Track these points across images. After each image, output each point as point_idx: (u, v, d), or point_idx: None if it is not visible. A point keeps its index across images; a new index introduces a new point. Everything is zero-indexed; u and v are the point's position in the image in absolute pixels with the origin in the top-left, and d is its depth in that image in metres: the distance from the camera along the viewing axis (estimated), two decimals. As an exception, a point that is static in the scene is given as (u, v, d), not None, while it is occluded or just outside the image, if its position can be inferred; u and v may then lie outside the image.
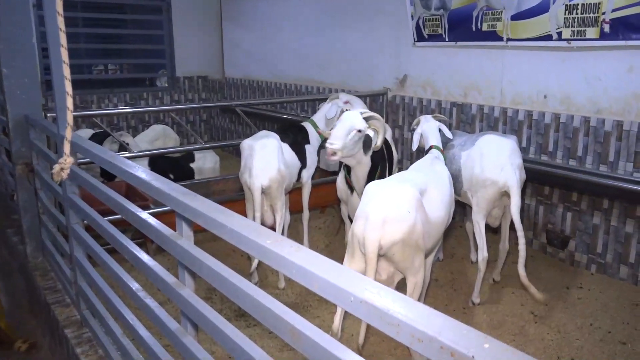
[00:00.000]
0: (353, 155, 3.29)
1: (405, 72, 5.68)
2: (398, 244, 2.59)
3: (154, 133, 6.44)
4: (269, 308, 1.39)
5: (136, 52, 8.99)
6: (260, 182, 3.69)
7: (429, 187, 2.94)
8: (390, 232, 2.57)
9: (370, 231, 2.56)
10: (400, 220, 2.59)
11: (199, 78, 9.06)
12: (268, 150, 3.79)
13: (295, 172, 4.18)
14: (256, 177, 3.70)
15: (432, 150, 3.52)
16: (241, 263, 4.42)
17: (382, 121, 3.23)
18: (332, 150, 3.13)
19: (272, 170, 3.74)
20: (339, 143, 3.12)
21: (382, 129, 3.22)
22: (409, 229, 2.59)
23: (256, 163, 3.73)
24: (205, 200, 1.77)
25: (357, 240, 2.63)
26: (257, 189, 3.69)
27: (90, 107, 8.04)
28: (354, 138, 3.18)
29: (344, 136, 3.14)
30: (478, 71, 4.96)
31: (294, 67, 7.34)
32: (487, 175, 3.52)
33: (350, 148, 3.19)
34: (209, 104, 6.63)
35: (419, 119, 3.78)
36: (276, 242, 1.40)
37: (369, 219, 2.59)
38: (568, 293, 3.95)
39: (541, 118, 4.46)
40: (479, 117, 4.96)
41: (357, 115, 3.22)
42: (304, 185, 4.39)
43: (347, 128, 3.16)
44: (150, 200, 4.41)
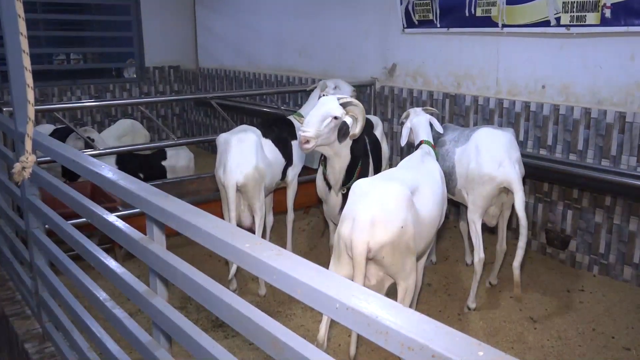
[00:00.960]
0: (329, 144, 3.27)
1: (394, 61, 5.71)
2: (388, 247, 2.60)
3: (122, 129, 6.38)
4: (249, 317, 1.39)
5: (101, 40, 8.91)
6: (235, 179, 3.68)
7: (419, 185, 2.95)
8: (379, 234, 2.58)
9: (357, 233, 2.56)
10: (390, 221, 2.60)
11: (171, 68, 9.00)
12: (245, 145, 3.78)
13: (279, 170, 4.16)
14: (230, 173, 3.69)
15: (423, 145, 3.54)
16: (218, 269, 4.41)
17: (360, 108, 3.23)
18: (304, 137, 3.10)
19: (249, 167, 3.73)
20: (313, 130, 3.10)
21: (361, 116, 3.23)
22: (399, 230, 2.60)
23: (231, 158, 3.72)
24: (178, 201, 1.77)
25: (343, 242, 2.63)
26: (231, 187, 3.68)
27: (51, 101, 7.95)
28: (330, 125, 3.16)
29: (319, 123, 3.13)
30: (472, 60, 5.00)
31: (273, 56, 7.33)
32: (484, 171, 3.56)
33: (326, 136, 3.17)
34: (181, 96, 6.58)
35: (408, 111, 3.80)
36: (255, 246, 1.40)
37: (357, 220, 2.59)
38: (569, 296, 4.01)
39: (539, 109, 4.52)
40: (473, 108, 5.00)
41: (334, 100, 3.21)
42: (289, 184, 4.37)
43: (322, 114, 3.15)
44: (118, 201, 4.38)
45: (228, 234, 1.49)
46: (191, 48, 9.00)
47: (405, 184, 2.78)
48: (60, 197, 2.50)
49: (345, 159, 3.41)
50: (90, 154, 3.99)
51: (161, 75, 8.92)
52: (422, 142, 3.56)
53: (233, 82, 8.06)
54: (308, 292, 1.21)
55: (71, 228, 2.52)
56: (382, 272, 2.73)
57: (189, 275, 1.63)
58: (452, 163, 3.80)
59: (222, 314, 1.49)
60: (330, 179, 3.53)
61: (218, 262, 4.53)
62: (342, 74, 6.30)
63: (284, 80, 7.10)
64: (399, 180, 2.81)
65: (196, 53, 8.95)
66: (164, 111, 9.11)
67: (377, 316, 1.06)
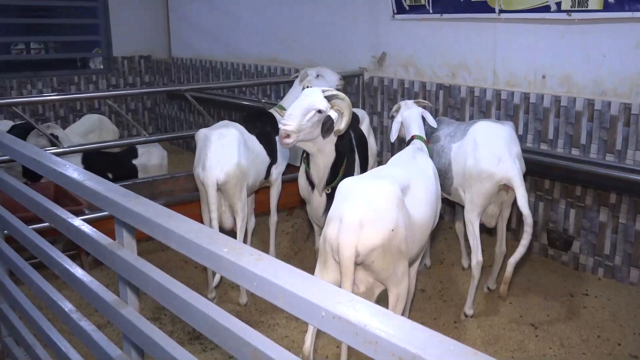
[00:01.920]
0: (312, 140, 3.27)
1: (384, 49, 5.72)
2: (377, 250, 2.61)
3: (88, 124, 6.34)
4: (228, 328, 1.39)
5: (65, 27, 8.82)
6: (215, 176, 3.68)
7: (411, 183, 2.97)
8: (368, 237, 2.58)
9: (344, 235, 2.57)
10: (380, 223, 2.61)
11: (141, 58, 8.94)
12: (227, 141, 3.78)
13: (263, 168, 4.17)
14: (210, 170, 3.68)
15: (415, 140, 3.55)
16: (194, 276, 4.40)
17: (347, 102, 3.23)
18: (285, 132, 3.09)
19: (230, 164, 3.73)
20: (294, 124, 3.09)
21: (347, 111, 3.23)
22: (389, 232, 2.61)
23: (211, 155, 3.72)
24: (150, 203, 1.76)
25: (329, 246, 2.63)
26: (211, 185, 3.68)
27: (9, 95, 7.87)
28: (313, 119, 3.15)
29: (301, 116, 3.12)
30: (467, 48, 5.04)
31: (253, 45, 7.32)
32: (483, 167, 3.58)
33: (308, 131, 3.16)
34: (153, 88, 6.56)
35: (398, 104, 3.82)
36: (234, 250, 1.40)
37: (343, 222, 2.59)
38: (572, 301, 4.05)
39: (539, 101, 4.56)
40: (469, 101, 5.03)
41: (318, 93, 3.20)
42: (273, 184, 4.37)
43: (304, 107, 3.14)
44: (84, 204, 4.35)
45: (204, 237, 1.49)
46: (163, 36, 8.95)
47: (396, 182, 2.79)
48: (20, 199, 2.48)
49: (329, 156, 3.41)
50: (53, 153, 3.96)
51: (130, 65, 8.86)
52: (414, 137, 3.57)
53: (209, 73, 8.03)
54: (291, 300, 1.21)
55: (33, 233, 2.49)
56: (372, 277, 2.73)
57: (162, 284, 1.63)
58: (448, 160, 3.82)
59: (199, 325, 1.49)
60: (313, 177, 3.52)
61: (194, 268, 4.51)
62: (327, 63, 6.29)
63: (265, 71, 7.09)
64: (389, 178, 2.82)
65: (169, 41, 8.90)
66: (134, 105, 9.06)
67: (365, 325, 1.06)
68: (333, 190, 3.03)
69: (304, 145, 3.31)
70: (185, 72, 8.51)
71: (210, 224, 3.69)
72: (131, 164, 5.57)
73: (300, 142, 3.22)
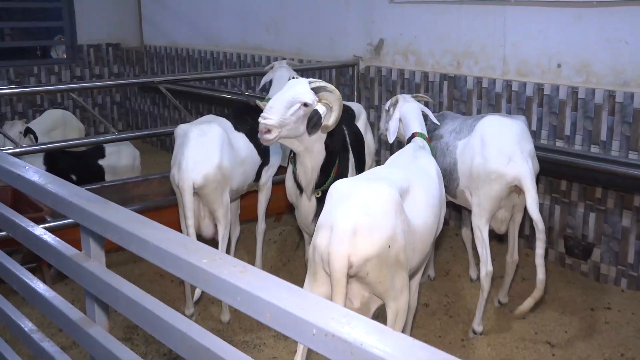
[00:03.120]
0: (298, 137, 3.26)
1: (381, 35, 5.73)
2: (373, 261, 2.60)
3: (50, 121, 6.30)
4: (209, 349, 1.39)
5: (23, 12, 8.78)
6: (192, 179, 3.66)
7: (412, 186, 2.97)
8: (362, 246, 2.58)
9: (336, 244, 2.56)
10: (375, 230, 2.61)
11: (109, 46, 8.91)
12: (207, 139, 3.76)
13: (253, 170, 4.16)
14: (186, 171, 3.66)
15: (415, 138, 3.55)
16: (171, 291, 4.39)
17: (336, 95, 3.23)
18: (265, 126, 3.09)
19: (209, 165, 3.71)
20: (276, 117, 3.09)
21: (336, 105, 3.23)
22: (386, 240, 2.61)
23: (188, 154, 3.69)
24: (121, 209, 1.76)
25: (319, 256, 2.62)
26: (186, 189, 3.66)
27: (-39, 88, 7.82)
28: (297, 113, 3.15)
29: (284, 109, 3.11)
30: (473, 34, 5.05)
31: (236, 32, 7.31)
32: (492, 167, 3.59)
33: (292, 126, 3.16)
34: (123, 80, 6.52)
35: (395, 98, 3.81)
36: (215, 262, 1.40)
37: (335, 229, 2.59)
38: (593, 316, 4.06)
39: (554, 93, 4.58)
40: (476, 92, 5.05)
41: (304, 84, 3.20)
42: (262, 188, 4.36)
43: (288, 99, 3.14)
44: (46, 210, 4.33)
45: (181, 247, 1.49)
46: (135, 21, 8.92)
47: (394, 185, 2.79)
48: (-27, 206, 2.46)
49: (319, 156, 3.41)
50: (10, 153, 3.94)
51: (97, 55, 8.83)
52: (415, 134, 3.57)
53: (186, 63, 8.01)
54: (279, 316, 1.21)
55: (-12, 244, 2.48)
56: (367, 291, 2.73)
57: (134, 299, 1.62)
58: (453, 159, 3.83)
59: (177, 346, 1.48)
60: (300, 179, 3.51)
61: (171, 282, 4.50)
62: (318, 52, 6.31)
63: (248, 61, 7.08)
64: (386, 181, 2.82)
65: (140, 28, 8.87)
66: (102, 99, 9.02)
67: (362, 343, 1.06)
68: (324, 194, 3.02)
69: (289, 142, 3.30)
70: (159, 62, 8.48)
71: (187, 232, 3.68)
72: (97, 165, 5.54)
73: (283, 139, 3.22)
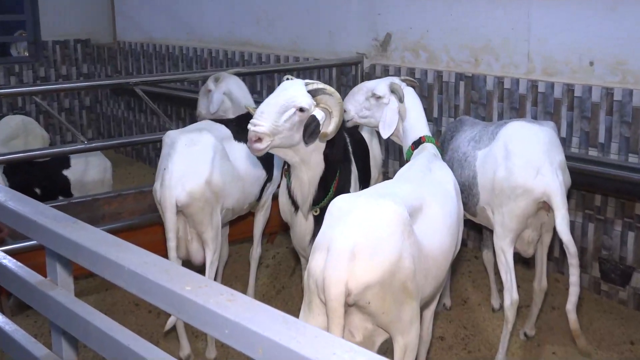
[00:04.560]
0: (292, 147, 3.25)
1: (388, 29, 5.73)
2: (374, 288, 2.58)
3: (9, 129, 6.27)
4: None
5: (-21, 4, 8.80)
6: (174, 196, 3.65)
7: (425, 203, 2.95)
8: (361, 270, 2.55)
9: (332, 268, 2.54)
10: (378, 252, 2.59)
11: (78, 43, 8.92)
12: (196, 149, 3.76)
13: (254, 187, 4.16)
14: (169, 187, 3.66)
15: (425, 144, 3.51)
16: (148, 323, 4.37)
17: (337, 98, 3.22)
18: (255, 134, 3.08)
19: (196, 180, 3.70)
20: (267, 124, 3.08)
21: (336, 109, 3.22)
22: (390, 265, 2.59)
23: (173, 167, 3.69)
24: (91, 229, 1.77)
25: (314, 281, 2.61)
26: (168, 207, 3.65)
27: None
28: (292, 119, 3.14)
29: (276, 115, 3.10)
30: (493, 26, 5.05)
31: (222, 25, 7.31)
32: (517, 181, 3.58)
33: (286, 134, 3.15)
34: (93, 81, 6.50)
35: (390, 82, 3.63)
36: (200, 289, 1.40)
37: (332, 251, 2.57)
38: (633, 350, 4.04)
39: (586, 95, 4.57)
40: (497, 94, 5.04)
41: (300, 86, 3.20)
42: (260, 207, 4.36)
43: (281, 103, 3.14)
44: (5, 231, 4.30)
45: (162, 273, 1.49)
46: (106, 14, 8.94)
47: (402, 202, 2.77)
48: None
49: (317, 168, 3.40)
50: (-37, 166, 3.92)
51: (64, 52, 8.84)
52: (423, 139, 3.53)
53: (166, 62, 8.01)
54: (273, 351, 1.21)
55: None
56: (370, 323, 2.71)
57: (106, 332, 1.62)
58: (473, 171, 3.81)
59: (156, 390, 1.48)
60: (295, 195, 3.50)
61: (148, 312, 4.48)
62: (315, 48, 6.30)
63: (236, 58, 7.08)
64: (393, 197, 2.80)
65: (113, 21, 8.89)
66: (69, 103, 9.02)
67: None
68: (322, 212, 3.01)
69: (282, 153, 3.29)
70: (135, 60, 8.49)
71: (169, 256, 3.67)
72: (62, 177, 5.52)
73: (275, 149, 3.20)
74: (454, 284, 4.74)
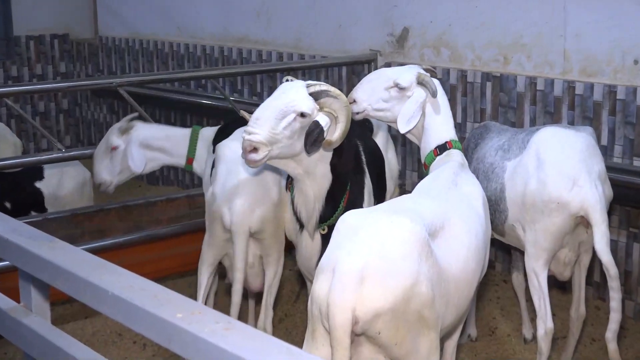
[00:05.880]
0: (293, 157, 3.24)
1: (405, 23, 5.74)
2: (385, 316, 2.57)
3: (-23, 135, 6.32)
4: None
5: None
6: (247, 222, 3.72)
7: (447, 221, 2.94)
8: (371, 296, 2.55)
9: (337, 293, 2.53)
10: (390, 276, 2.57)
11: (55, 38, 8.95)
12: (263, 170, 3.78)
13: None
14: (242, 214, 3.70)
15: (452, 151, 3.48)
16: (133, 355, 4.36)
17: (343, 100, 3.22)
18: (250, 143, 3.07)
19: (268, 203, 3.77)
20: (263, 132, 3.07)
21: (343, 114, 3.21)
22: (403, 290, 2.58)
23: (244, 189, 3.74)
24: (71, 249, 1.76)
25: (317, 307, 2.61)
26: (242, 234, 3.71)
27: None
28: (292, 126, 3.14)
29: (274, 121, 3.10)
30: (525, 20, 5.05)
31: (216, 19, 7.33)
32: (551, 194, 3.58)
33: (285, 143, 3.15)
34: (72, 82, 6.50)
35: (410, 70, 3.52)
36: (193, 316, 1.40)
37: (338, 273, 2.56)
38: (684, 387, 4.03)
39: (630, 97, 4.57)
40: (529, 97, 5.04)
41: (300, 88, 3.20)
42: None
43: (280, 108, 3.13)
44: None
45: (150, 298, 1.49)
46: (87, 7, 8.98)
47: (420, 219, 2.76)
48: None
49: (323, 181, 3.40)
50: None
51: (39, 49, 8.86)
52: (450, 144, 3.51)
53: (154, 60, 8.04)
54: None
55: None
56: (382, 355, 2.71)
57: (87, 365, 1.62)
58: (500, 184, 3.82)
59: None
60: (300, 212, 3.51)
61: (132, 343, 4.48)
62: (323, 45, 6.31)
63: (233, 56, 7.10)
64: (410, 213, 2.79)
65: (95, 14, 8.91)
66: (45, 106, 9.04)
67: None
68: (330, 231, 3.00)
69: (282, 164, 3.29)
70: (119, 58, 8.51)
71: (234, 287, 3.78)
72: (35, 189, 5.52)
73: (274, 160, 3.21)
74: (480, 311, 4.73)
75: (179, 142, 4.58)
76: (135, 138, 4.54)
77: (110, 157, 4.62)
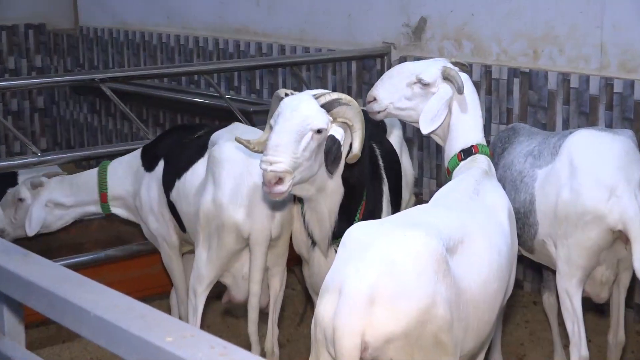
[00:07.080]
0: (312, 178, 3.28)
1: (422, 13, 5.75)
2: (398, 342, 2.59)
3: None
4: None
5: None
6: (269, 228, 3.77)
7: (467, 235, 2.95)
8: (382, 319, 2.56)
9: (345, 316, 2.54)
10: (403, 297, 2.59)
11: (29, 28, 8.98)
12: None
13: None
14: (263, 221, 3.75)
15: (478, 156, 3.49)
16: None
17: (355, 107, 3.25)
18: (275, 175, 3.07)
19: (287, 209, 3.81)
20: (286, 159, 3.08)
21: (357, 120, 3.24)
22: (418, 313, 2.59)
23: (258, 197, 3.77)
24: (48, 264, 1.78)
25: (322, 332, 2.62)
26: (263, 243, 3.76)
27: None
28: (310, 146, 3.16)
29: (294, 144, 3.12)
30: (558, 10, 5.06)
31: (211, 7, 7.35)
32: (586, 205, 3.58)
33: (307, 166, 3.18)
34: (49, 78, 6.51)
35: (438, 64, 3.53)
36: (184, 340, 1.41)
37: (345, 294, 2.57)
38: None
39: (676, 96, 4.58)
40: (561, 96, 5.04)
41: (312, 102, 3.21)
42: None
43: (297, 129, 3.14)
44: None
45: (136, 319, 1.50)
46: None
47: (437, 234, 2.77)
48: None
49: (336, 195, 3.43)
50: None
51: (12, 40, 8.90)
52: (475, 148, 3.51)
53: (140, 53, 8.06)
54: None
55: None
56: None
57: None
58: (530, 195, 3.82)
59: None
60: (312, 230, 3.55)
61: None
62: (331, 36, 6.32)
63: (230, 49, 7.12)
64: (425, 227, 2.79)
65: (74, 2, 8.95)
66: (18, 104, 9.07)
67: None
68: None
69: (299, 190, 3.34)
70: (102, 51, 8.53)
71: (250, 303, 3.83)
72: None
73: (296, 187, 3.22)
74: (506, 336, 4.72)
75: (87, 183, 4.59)
76: (42, 198, 4.57)
77: (16, 208, 4.67)
